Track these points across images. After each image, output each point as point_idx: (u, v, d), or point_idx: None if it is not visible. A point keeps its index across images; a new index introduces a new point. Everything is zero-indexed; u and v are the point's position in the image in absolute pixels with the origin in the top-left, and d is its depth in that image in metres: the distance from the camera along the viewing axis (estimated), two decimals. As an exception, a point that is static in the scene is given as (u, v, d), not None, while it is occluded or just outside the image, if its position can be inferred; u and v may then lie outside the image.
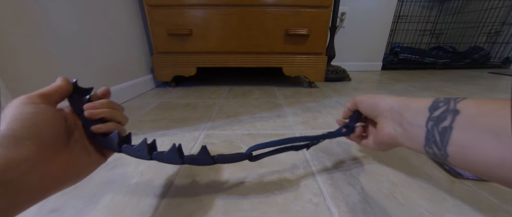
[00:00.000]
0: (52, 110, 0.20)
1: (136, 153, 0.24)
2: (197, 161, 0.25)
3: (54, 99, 0.21)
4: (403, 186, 0.31)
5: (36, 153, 0.17)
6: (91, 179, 0.32)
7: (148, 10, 0.80)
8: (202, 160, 0.25)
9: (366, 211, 0.27)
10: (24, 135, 0.17)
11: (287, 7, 0.81)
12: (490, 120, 0.17)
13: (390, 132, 0.26)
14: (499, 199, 0.29)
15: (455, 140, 0.18)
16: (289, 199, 0.28)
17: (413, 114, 0.23)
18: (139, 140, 0.25)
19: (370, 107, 0.29)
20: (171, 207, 0.27)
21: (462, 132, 0.18)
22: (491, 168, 0.16)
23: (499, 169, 0.16)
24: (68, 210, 0.26)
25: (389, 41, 1.50)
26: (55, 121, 0.20)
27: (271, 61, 0.89)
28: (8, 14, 0.41)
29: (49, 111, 0.19)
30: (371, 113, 0.29)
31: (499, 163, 0.16)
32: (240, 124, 0.53)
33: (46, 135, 0.18)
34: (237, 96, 0.80)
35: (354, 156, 0.39)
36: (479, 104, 0.18)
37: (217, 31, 0.83)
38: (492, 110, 0.17)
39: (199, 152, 0.25)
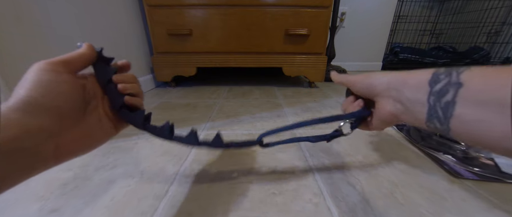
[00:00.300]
0: (73, 80, 0.20)
1: (159, 132, 0.25)
2: (212, 144, 0.27)
3: (75, 67, 0.20)
4: (403, 186, 0.31)
5: (54, 124, 0.17)
6: (91, 179, 0.32)
7: (148, 10, 0.80)
8: (216, 143, 0.27)
9: (366, 211, 0.27)
10: (45, 104, 0.16)
11: (287, 7, 0.81)
12: (495, 93, 0.15)
13: (391, 110, 0.24)
14: (499, 199, 0.29)
15: (458, 115, 0.18)
16: (289, 199, 0.28)
17: (413, 90, 0.21)
18: (139, 140, 0.25)
19: (365, 88, 0.27)
20: (171, 207, 0.27)
21: (466, 106, 0.17)
22: (496, 140, 0.16)
23: (504, 142, 0.15)
24: (68, 210, 0.26)
25: (389, 41, 1.50)
26: (75, 92, 0.19)
27: (271, 61, 0.89)
28: (8, 14, 0.41)
29: (69, 81, 0.19)
30: (367, 93, 0.27)
31: (505, 136, 0.15)
32: (240, 124, 0.53)
33: (65, 107, 0.18)
34: (237, 96, 0.80)
35: (354, 155, 0.39)
36: (484, 76, 0.17)
37: (217, 31, 0.83)
38: (498, 83, 0.16)
39: (214, 137, 0.27)
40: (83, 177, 0.33)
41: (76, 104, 0.20)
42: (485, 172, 0.33)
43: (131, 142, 0.43)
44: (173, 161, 0.37)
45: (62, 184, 0.31)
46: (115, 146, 0.42)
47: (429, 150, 0.39)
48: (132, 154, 0.39)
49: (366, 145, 0.42)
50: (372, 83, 0.26)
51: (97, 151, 0.40)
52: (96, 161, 0.37)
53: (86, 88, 0.21)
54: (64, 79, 0.19)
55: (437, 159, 0.37)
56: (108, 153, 0.39)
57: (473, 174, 0.33)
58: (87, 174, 0.33)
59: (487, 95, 0.16)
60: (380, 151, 0.40)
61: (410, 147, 0.42)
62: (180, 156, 0.38)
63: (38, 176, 0.17)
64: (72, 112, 0.19)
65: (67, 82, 0.19)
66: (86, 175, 0.33)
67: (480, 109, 0.16)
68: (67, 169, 0.34)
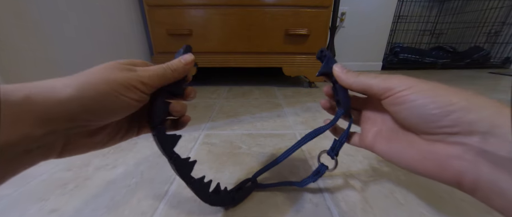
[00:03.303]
0: (142, 101, 0.17)
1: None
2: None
3: (156, 86, 0.18)
4: (403, 186, 0.31)
5: (81, 128, 0.15)
6: (91, 179, 0.32)
7: (148, 10, 0.80)
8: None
9: (366, 211, 0.27)
10: (90, 111, 0.15)
11: (287, 7, 0.81)
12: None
13: (459, 167, 0.14)
14: (499, 199, 0.29)
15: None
16: (289, 199, 0.28)
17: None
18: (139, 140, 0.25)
19: (416, 115, 0.16)
20: (171, 207, 0.27)
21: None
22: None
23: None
24: (68, 210, 0.26)
25: (389, 41, 1.50)
26: (131, 111, 0.17)
27: (271, 61, 0.89)
28: (8, 14, 0.41)
29: (135, 104, 0.17)
30: (424, 127, 0.16)
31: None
32: (240, 124, 0.53)
33: (107, 121, 0.17)
34: (237, 96, 0.80)
35: (354, 155, 0.39)
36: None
37: (217, 31, 0.83)
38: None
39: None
40: (83, 177, 0.33)
41: (121, 127, 0.19)
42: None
43: (131, 142, 0.43)
44: (173, 161, 0.36)
45: (62, 184, 0.31)
46: (115, 146, 0.41)
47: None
48: (132, 154, 0.39)
49: (366, 145, 0.42)
50: (438, 111, 0.14)
51: (97, 151, 0.40)
52: (96, 161, 0.37)
53: (143, 108, 0.19)
54: (129, 104, 0.16)
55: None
56: (108, 153, 0.39)
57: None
58: (87, 174, 0.33)
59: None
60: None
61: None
62: (180, 156, 0.38)
63: (38, 176, 0.17)
64: (109, 127, 0.18)
65: (132, 105, 0.17)
66: (86, 175, 0.33)
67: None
68: (67, 169, 0.34)
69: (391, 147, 0.19)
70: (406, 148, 0.17)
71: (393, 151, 0.19)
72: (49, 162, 0.37)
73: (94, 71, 0.16)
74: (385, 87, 0.17)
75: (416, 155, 0.17)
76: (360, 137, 0.23)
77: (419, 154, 0.16)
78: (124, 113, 0.17)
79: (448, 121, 0.14)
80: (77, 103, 0.14)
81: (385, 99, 0.18)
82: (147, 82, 0.17)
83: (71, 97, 0.14)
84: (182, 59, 0.20)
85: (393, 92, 0.17)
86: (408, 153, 0.17)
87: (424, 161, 0.16)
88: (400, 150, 0.18)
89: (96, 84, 0.15)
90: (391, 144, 0.19)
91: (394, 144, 0.19)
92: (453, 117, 0.14)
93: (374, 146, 0.21)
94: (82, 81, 0.15)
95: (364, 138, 0.22)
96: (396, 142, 0.19)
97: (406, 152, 0.17)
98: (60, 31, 0.52)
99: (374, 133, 0.21)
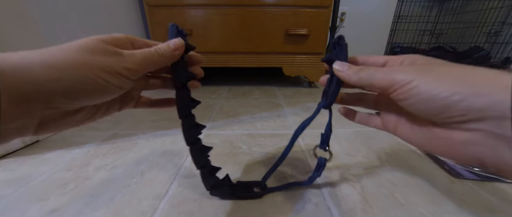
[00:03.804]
0: (120, 92, 0.17)
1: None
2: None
3: (142, 72, 0.17)
4: (403, 186, 0.31)
5: (58, 113, 0.15)
6: (91, 179, 0.32)
7: (148, 10, 0.80)
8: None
9: (366, 211, 0.27)
10: (69, 96, 0.14)
11: (287, 7, 0.81)
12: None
13: (477, 153, 0.14)
14: (499, 199, 0.29)
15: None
16: (289, 199, 0.28)
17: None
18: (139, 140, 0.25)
19: (428, 107, 0.15)
20: (171, 207, 0.27)
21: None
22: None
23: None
24: (68, 210, 0.26)
25: (389, 41, 1.50)
26: (116, 95, 0.17)
27: (271, 61, 0.89)
28: (8, 14, 0.41)
29: (122, 88, 0.16)
30: (434, 118, 0.15)
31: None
32: (240, 124, 0.53)
33: (88, 104, 0.16)
34: (237, 96, 0.80)
35: (354, 155, 0.39)
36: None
37: (217, 31, 0.83)
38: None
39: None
40: (83, 177, 0.33)
41: (103, 105, 0.18)
42: (485, 172, 0.33)
43: (131, 142, 0.43)
44: (173, 161, 0.37)
45: (62, 184, 0.31)
46: (115, 146, 0.42)
47: (429, 150, 0.39)
48: (132, 154, 0.39)
49: (366, 145, 0.42)
50: (444, 102, 0.14)
51: (97, 151, 0.40)
52: (96, 161, 0.37)
53: (131, 92, 0.19)
54: (113, 86, 0.16)
55: (437, 159, 0.37)
56: (108, 153, 0.39)
57: (473, 174, 0.33)
58: (87, 174, 0.33)
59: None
60: (380, 151, 0.40)
61: (410, 147, 0.42)
62: (180, 156, 0.38)
63: (38, 176, 0.17)
64: (89, 107, 0.17)
65: (114, 92, 0.16)
66: (86, 175, 0.33)
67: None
68: (67, 169, 0.34)
69: (412, 133, 0.19)
70: (427, 135, 0.17)
71: (415, 137, 0.18)
72: (49, 162, 0.37)
73: (74, 51, 0.14)
74: (388, 83, 0.16)
75: (437, 141, 0.16)
76: (382, 121, 0.22)
77: (439, 140, 0.16)
78: (105, 98, 0.16)
79: (456, 111, 0.14)
80: (56, 87, 0.13)
81: (390, 93, 0.17)
82: (132, 67, 0.16)
83: (49, 80, 0.13)
84: (171, 43, 0.19)
85: (396, 87, 0.16)
86: (430, 140, 0.17)
87: (445, 147, 0.16)
88: (422, 137, 0.18)
89: (77, 67, 0.14)
90: (412, 130, 0.19)
91: (416, 130, 0.18)
92: (461, 107, 0.13)
93: (396, 131, 0.20)
94: (61, 62, 0.13)
95: (386, 123, 0.22)
96: (417, 128, 0.18)
97: (428, 139, 0.17)
98: (60, 31, 0.52)
99: (395, 119, 0.21)
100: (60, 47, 0.14)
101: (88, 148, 0.41)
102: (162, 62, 0.18)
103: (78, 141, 0.43)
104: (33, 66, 0.12)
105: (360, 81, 0.19)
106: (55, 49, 0.14)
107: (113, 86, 0.16)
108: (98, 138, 0.45)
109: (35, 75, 0.12)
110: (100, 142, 0.43)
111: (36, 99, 0.13)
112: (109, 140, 0.44)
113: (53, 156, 0.38)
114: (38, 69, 0.12)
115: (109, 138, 0.45)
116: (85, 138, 0.45)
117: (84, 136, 0.46)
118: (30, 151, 0.40)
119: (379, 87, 0.17)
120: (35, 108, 0.13)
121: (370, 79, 0.18)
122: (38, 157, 0.38)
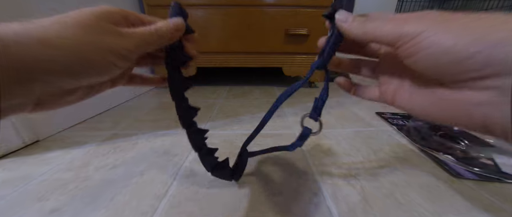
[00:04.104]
0: (120, 72, 0.17)
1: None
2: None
3: (141, 54, 0.17)
4: (403, 186, 0.31)
5: (56, 91, 0.14)
6: (91, 179, 0.32)
7: (148, 10, 0.80)
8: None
9: (366, 211, 0.27)
10: (74, 73, 0.14)
11: (287, 7, 0.81)
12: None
13: (485, 114, 0.12)
14: (499, 199, 0.29)
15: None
16: (289, 199, 0.28)
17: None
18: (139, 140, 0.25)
19: (446, 66, 0.13)
20: (171, 207, 0.27)
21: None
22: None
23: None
24: (68, 210, 0.26)
25: (389, 41, 1.51)
26: (110, 75, 0.16)
27: (271, 61, 0.89)
28: (8, 14, 0.41)
29: (115, 73, 0.16)
30: (446, 76, 0.14)
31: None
32: (240, 124, 0.53)
33: (85, 84, 0.15)
34: (237, 96, 0.80)
35: (354, 156, 0.39)
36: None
37: (217, 31, 0.83)
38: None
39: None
40: (83, 177, 0.33)
41: (97, 83, 0.17)
42: (485, 172, 0.33)
43: (131, 142, 0.43)
44: (173, 161, 0.37)
45: (62, 184, 0.31)
46: (115, 146, 0.42)
47: (429, 150, 0.39)
48: (132, 154, 0.39)
49: (366, 145, 0.42)
50: (460, 55, 0.12)
51: (97, 151, 0.40)
52: (96, 161, 0.37)
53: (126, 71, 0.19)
54: (116, 68, 0.15)
55: (437, 159, 0.37)
56: (108, 153, 0.39)
57: (473, 174, 0.33)
58: (87, 174, 0.33)
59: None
60: (380, 151, 0.40)
61: (410, 147, 0.42)
62: (180, 156, 0.38)
63: (38, 176, 0.17)
64: (86, 87, 0.17)
65: (115, 72, 0.16)
66: (86, 175, 0.33)
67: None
68: (67, 169, 0.34)
69: (412, 97, 0.17)
70: (430, 99, 0.16)
71: (416, 102, 0.17)
72: (49, 162, 0.37)
73: (76, 29, 0.14)
74: (397, 35, 0.15)
75: (441, 105, 0.15)
76: (380, 90, 0.21)
77: (444, 104, 0.15)
78: (104, 78, 0.16)
79: (474, 64, 0.12)
80: (58, 66, 0.13)
81: (398, 48, 0.15)
82: (133, 49, 0.16)
83: (52, 60, 0.13)
84: (171, 22, 0.18)
85: (406, 40, 0.14)
86: (432, 104, 0.15)
87: (450, 110, 0.14)
88: (423, 101, 0.16)
89: (82, 48, 0.14)
90: (413, 94, 0.17)
91: (417, 94, 0.17)
92: (479, 59, 0.11)
93: (394, 99, 0.19)
94: (65, 41, 0.13)
95: (384, 91, 0.20)
96: (419, 92, 0.17)
97: (430, 103, 0.16)
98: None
99: (397, 84, 0.19)
100: (60, 22, 0.14)
101: (88, 148, 0.41)
102: (161, 43, 0.18)
103: (78, 141, 0.44)
104: (36, 45, 0.12)
105: (365, 35, 0.16)
106: (57, 26, 0.13)
107: (114, 66, 0.15)
108: (98, 138, 0.45)
109: (37, 53, 0.12)
110: (100, 142, 0.43)
111: (37, 78, 0.13)
112: (109, 140, 0.44)
113: (53, 156, 0.38)
114: (41, 48, 0.12)
115: (109, 138, 0.45)
116: (85, 138, 0.45)
117: (84, 136, 0.46)
118: (30, 151, 0.40)
119: (387, 40, 0.15)
120: (36, 86, 0.13)
121: (377, 31, 0.16)
122: (38, 157, 0.38)
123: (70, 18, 0.14)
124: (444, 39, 0.12)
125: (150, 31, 0.17)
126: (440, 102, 0.15)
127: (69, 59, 0.13)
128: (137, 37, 0.16)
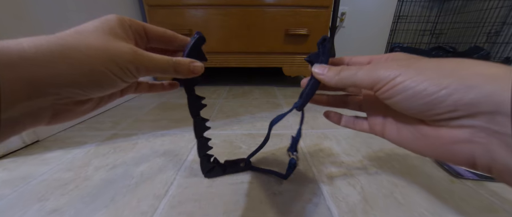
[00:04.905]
0: (126, 85, 0.17)
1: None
2: None
3: (158, 75, 0.18)
4: (403, 186, 0.31)
5: (67, 103, 0.15)
6: (91, 179, 0.32)
7: (148, 10, 0.80)
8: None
9: (366, 211, 0.27)
10: (84, 87, 0.14)
11: (287, 7, 0.81)
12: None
13: (470, 152, 0.13)
14: (499, 199, 0.29)
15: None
16: (289, 199, 0.28)
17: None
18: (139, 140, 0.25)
19: (420, 107, 0.14)
20: (171, 207, 0.27)
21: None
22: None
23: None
24: (68, 210, 0.26)
25: (389, 41, 1.50)
26: (120, 87, 0.17)
27: (271, 61, 0.89)
28: (8, 15, 0.41)
29: (123, 86, 0.17)
30: (422, 115, 0.15)
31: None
32: (240, 124, 0.53)
33: (96, 95, 0.16)
34: (237, 96, 0.80)
35: (354, 156, 0.39)
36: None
37: (217, 31, 0.83)
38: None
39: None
40: (83, 177, 0.33)
41: (107, 95, 0.18)
42: (485, 172, 0.33)
43: (131, 142, 0.43)
44: (173, 161, 0.37)
45: (62, 184, 0.31)
46: (115, 146, 0.42)
47: (429, 150, 0.39)
48: (132, 154, 0.39)
49: (366, 145, 0.42)
50: (431, 98, 0.13)
51: (97, 151, 0.40)
52: (96, 161, 0.37)
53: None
54: (123, 82, 0.16)
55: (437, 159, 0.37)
56: (108, 153, 0.39)
57: (473, 174, 0.33)
58: (87, 174, 0.33)
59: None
60: (380, 151, 0.40)
61: (410, 147, 0.42)
62: (180, 156, 0.38)
63: (38, 176, 0.17)
64: (97, 97, 0.18)
65: (121, 86, 0.16)
66: (86, 175, 0.33)
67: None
68: (67, 169, 0.34)
69: (400, 134, 0.18)
70: (415, 135, 0.16)
71: (403, 138, 0.18)
72: (49, 162, 0.37)
73: (93, 38, 0.14)
74: (372, 81, 0.15)
75: (425, 141, 0.15)
76: (369, 124, 0.22)
77: (428, 140, 0.15)
78: (111, 91, 0.17)
79: (446, 107, 0.13)
80: (70, 80, 0.13)
81: (376, 91, 0.16)
82: (145, 73, 0.17)
83: (64, 74, 0.13)
84: (192, 66, 0.19)
85: (381, 85, 0.15)
86: (418, 140, 0.16)
87: (434, 147, 0.15)
88: (410, 137, 0.17)
89: (94, 62, 0.14)
90: (400, 130, 0.18)
91: (403, 131, 0.17)
92: (450, 102, 0.12)
93: (384, 133, 0.20)
94: (78, 56, 0.14)
95: (373, 125, 0.21)
96: (404, 128, 0.17)
97: (416, 139, 0.16)
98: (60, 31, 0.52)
99: (382, 121, 0.20)
100: (77, 33, 0.15)
101: (88, 148, 0.41)
102: (175, 75, 0.19)
103: (78, 141, 0.44)
104: (52, 60, 0.13)
105: (341, 82, 0.18)
106: (72, 40, 0.14)
107: (123, 82, 0.16)
108: (98, 138, 0.45)
109: (51, 68, 0.13)
110: (100, 142, 0.43)
111: (49, 92, 0.13)
112: (109, 140, 0.44)
113: (53, 156, 0.38)
114: (56, 62, 0.13)
115: (109, 138, 0.45)
116: (85, 138, 0.45)
117: (84, 136, 0.46)
118: (30, 151, 0.40)
119: (363, 86, 0.16)
120: (47, 100, 0.13)
121: (352, 78, 0.17)
122: (38, 157, 0.38)
123: (87, 31, 0.15)
124: (418, 82, 0.13)
125: (168, 64, 0.18)
126: (424, 139, 0.15)
127: (77, 72, 0.13)
128: (153, 64, 0.17)
